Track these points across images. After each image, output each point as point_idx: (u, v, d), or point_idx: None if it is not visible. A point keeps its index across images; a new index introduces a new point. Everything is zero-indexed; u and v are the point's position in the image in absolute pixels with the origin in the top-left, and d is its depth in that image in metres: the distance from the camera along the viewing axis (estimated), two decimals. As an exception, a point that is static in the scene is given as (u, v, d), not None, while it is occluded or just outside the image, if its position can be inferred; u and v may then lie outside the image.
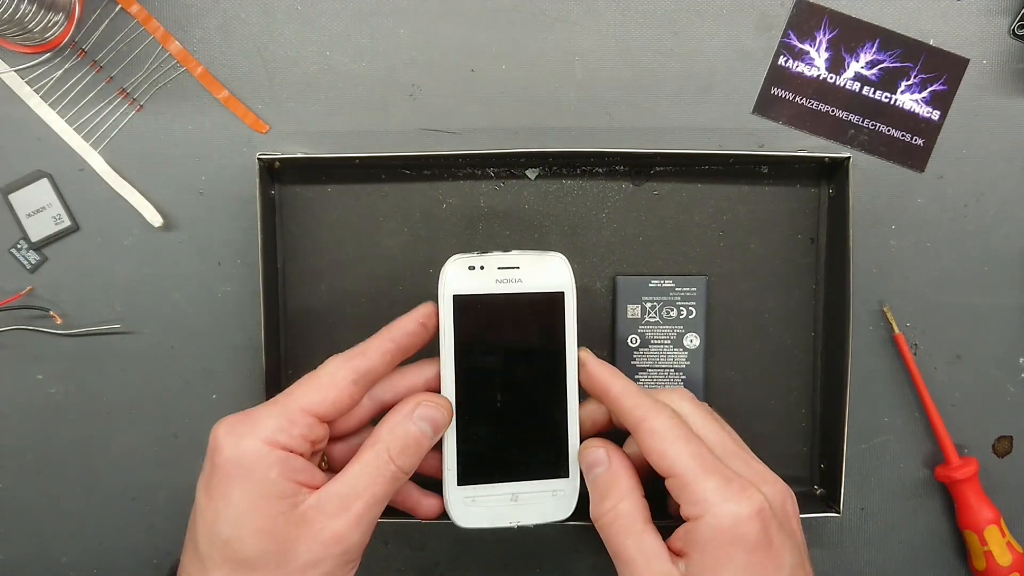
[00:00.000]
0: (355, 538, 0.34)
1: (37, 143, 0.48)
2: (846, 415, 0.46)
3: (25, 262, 0.49)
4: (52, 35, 0.47)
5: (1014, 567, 0.47)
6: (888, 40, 0.48)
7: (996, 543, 0.47)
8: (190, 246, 0.49)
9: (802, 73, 0.48)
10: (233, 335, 0.49)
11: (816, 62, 0.48)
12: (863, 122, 0.48)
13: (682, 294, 0.48)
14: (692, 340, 0.48)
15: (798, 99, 0.48)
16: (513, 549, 0.51)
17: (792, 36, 0.48)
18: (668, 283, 0.48)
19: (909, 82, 0.48)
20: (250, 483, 0.34)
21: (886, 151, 0.49)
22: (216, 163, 0.49)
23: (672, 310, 0.48)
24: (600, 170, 0.48)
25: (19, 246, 0.49)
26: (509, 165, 0.48)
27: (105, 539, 0.51)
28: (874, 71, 0.48)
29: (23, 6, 0.44)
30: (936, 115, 0.48)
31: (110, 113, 0.48)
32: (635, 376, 0.48)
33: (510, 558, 0.51)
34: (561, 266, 0.40)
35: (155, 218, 0.48)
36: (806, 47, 0.48)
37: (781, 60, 0.48)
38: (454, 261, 0.39)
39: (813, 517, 0.47)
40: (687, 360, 0.48)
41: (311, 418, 0.35)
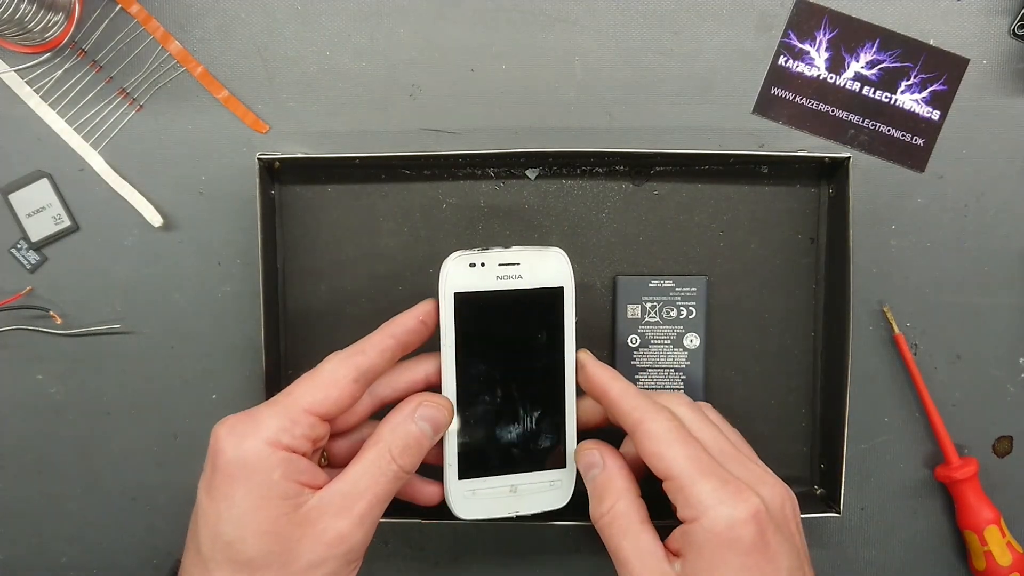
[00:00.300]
0: (358, 538, 0.34)
1: (37, 143, 0.48)
2: (846, 415, 0.46)
3: (25, 262, 0.49)
4: (52, 35, 0.47)
5: (1014, 567, 0.47)
6: (888, 40, 0.48)
7: (996, 543, 0.47)
8: (190, 246, 0.49)
9: (802, 73, 0.48)
10: (233, 335, 0.49)
11: (816, 62, 0.48)
12: (863, 122, 0.48)
13: (682, 294, 0.48)
14: (692, 340, 0.48)
15: (798, 99, 0.48)
16: (513, 549, 0.51)
17: (792, 36, 0.48)
18: (668, 283, 0.48)
19: (909, 82, 0.48)
20: (252, 484, 0.33)
21: (886, 151, 0.49)
22: (216, 163, 0.49)
23: (672, 310, 0.48)
24: (600, 170, 0.48)
25: (19, 246, 0.49)
26: (509, 165, 0.48)
27: (105, 539, 0.51)
28: (874, 71, 0.48)
29: (23, 6, 0.44)
30: (936, 115, 0.48)
31: (110, 113, 0.48)
32: (635, 376, 0.48)
33: (510, 558, 0.51)
34: (561, 261, 0.40)
35: (155, 218, 0.48)
36: (806, 47, 0.48)
37: (781, 60, 0.48)
38: (455, 258, 0.39)
39: (813, 517, 0.47)
40: (687, 360, 0.48)
41: (312, 417, 0.35)
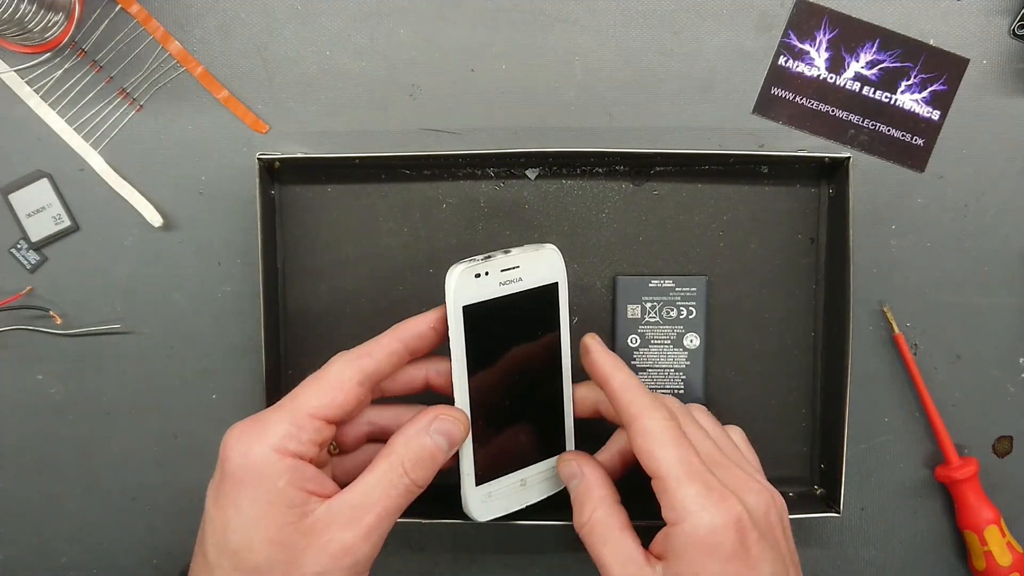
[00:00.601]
0: (364, 551, 0.34)
1: (37, 143, 0.48)
2: (846, 415, 0.46)
3: (25, 262, 0.49)
4: (52, 35, 0.47)
5: (1014, 567, 0.47)
6: (888, 40, 0.48)
7: (996, 543, 0.47)
8: (190, 246, 0.49)
9: (802, 73, 0.48)
10: (233, 335, 0.49)
11: (816, 62, 0.48)
12: (863, 122, 0.48)
13: (682, 294, 0.48)
14: (692, 340, 0.48)
15: (798, 99, 0.48)
16: (513, 549, 0.51)
17: (792, 36, 0.48)
18: (668, 283, 0.48)
19: (909, 82, 0.48)
20: (259, 492, 0.33)
21: (886, 151, 0.49)
22: (216, 163, 0.49)
23: (672, 310, 0.48)
24: (600, 170, 0.48)
25: (19, 246, 0.49)
26: (509, 165, 0.48)
27: (105, 539, 0.51)
28: (874, 71, 0.48)
29: (23, 6, 0.44)
30: (936, 115, 0.48)
31: (110, 113, 0.48)
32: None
33: (510, 558, 0.51)
34: (554, 257, 0.40)
35: (155, 218, 0.48)
36: (806, 47, 0.48)
37: (781, 60, 0.48)
38: (460, 271, 0.38)
39: (813, 517, 0.47)
40: (687, 360, 0.48)
41: (319, 422, 0.35)
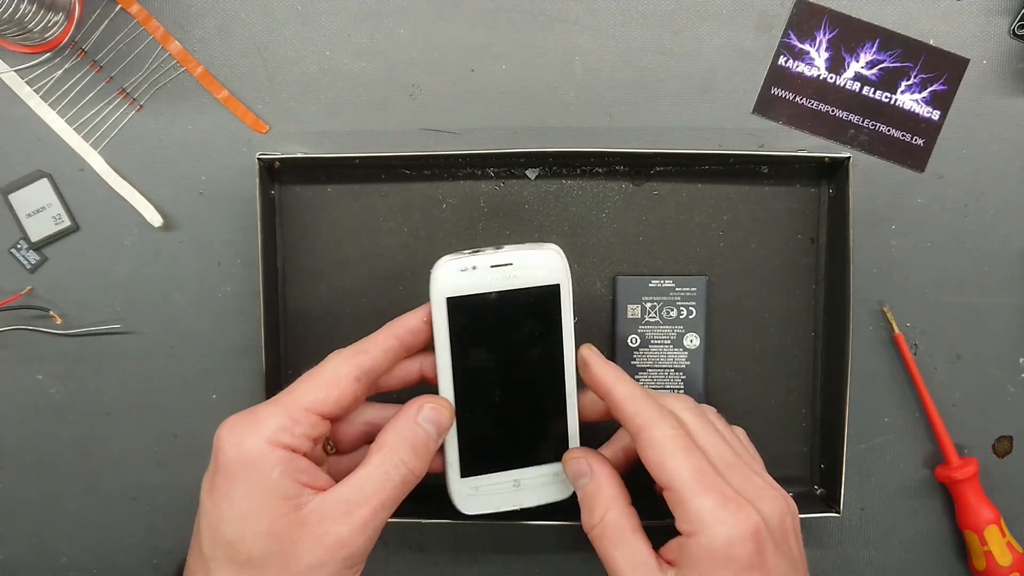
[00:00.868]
0: (359, 543, 0.34)
1: (37, 143, 0.48)
2: (846, 415, 0.46)
3: (25, 262, 0.49)
4: (52, 35, 0.47)
5: (1014, 567, 0.47)
6: (888, 40, 0.48)
7: (996, 543, 0.47)
8: (190, 246, 0.49)
9: (802, 73, 0.48)
10: (233, 335, 0.49)
11: (816, 62, 0.48)
12: (863, 122, 0.48)
13: (682, 294, 0.48)
14: (692, 340, 0.48)
15: (798, 99, 0.48)
16: (513, 549, 0.51)
17: (792, 36, 0.48)
18: (668, 283, 0.48)
19: (909, 82, 0.48)
20: (252, 483, 0.33)
21: (886, 151, 0.49)
22: (216, 163, 0.49)
23: (672, 310, 0.48)
24: (600, 170, 0.48)
25: (19, 246, 0.49)
26: (509, 165, 0.48)
27: (105, 539, 0.51)
28: (874, 71, 0.48)
29: (23, 6, 0.44)
30: (936, 115, 0.48)
31: (110, 113, 0.48)
32: (635, 376, 0.48)
33: (510, 559, 0.51)
34: (555, 258, 0.39)
35: (155, 218, 0.48)
36: (806, 47, 0.48)
37: (781, 60, 0.48)
38: (445, 263, 0.38)
39: (813, 517, 0.47)
40: (687, 360, 0.48)
41: (314, 416, 0.35)
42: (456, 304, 0.39)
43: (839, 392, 0.46)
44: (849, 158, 0.45)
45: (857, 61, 0.48)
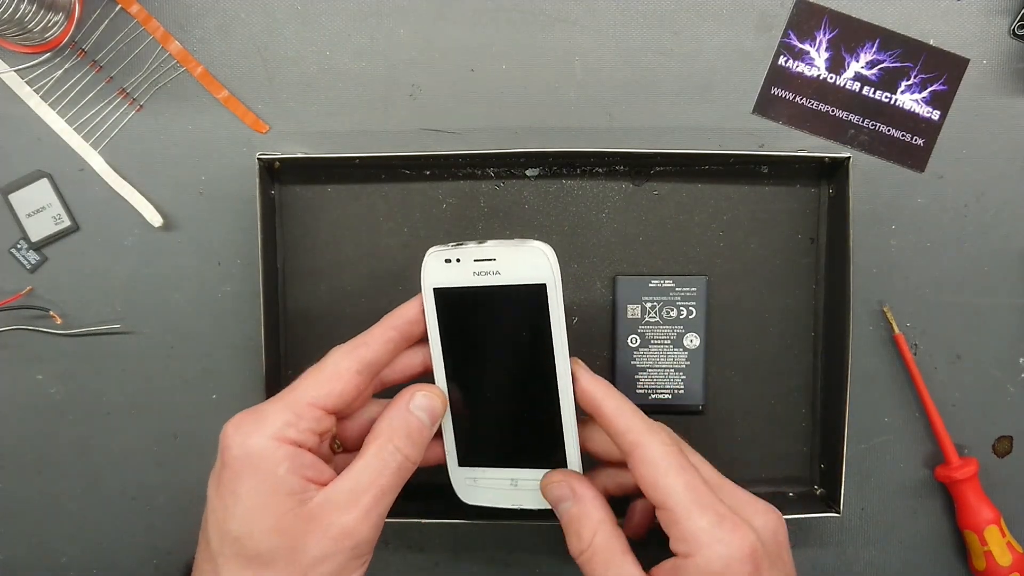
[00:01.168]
0: (364, 532, 0.34)
1: (37, 143, 0.48)
2: (846, 415, 0.46)
3: (25, 262, 0.49)
4: (52, 35, 0.47)
5: (1014, 567, 0.47)
6: (888, 40, 0.48)
7: (996, 543, 0.47)
8: (190, 246, 0.49)
9: (802, 73, 0.48)
10: (233, 335, 0.49)
11: (816, 62, 0.48)
12: (863, 122, 0.48)
13: (682, 294, 0.48)
14: (692, 340, 0.48)
15: (798, 99, 0.48)
16: (513, 549, 0.51)
17: (792, 36, 0.48)
18: (668, 283, 0.48)
19: (909, 82, 0.48)
20: (258, 479, 0.34)
21: (886, 151, 0.49)
22: (216, 163, 0.49)
23: (672, 310, 0.48)
24: (600, 170, 0.48)
25: (19, 246, 0.49)
26: (509, 165, 0.48)
27: (105, 539, 0.51)
28: (874, 71, 0.48)
29: (23, 6, 0.44)
30: (936, 115, 0.48)
31: (110, 113, 0.48)
32: (635, 376, 0.48)
33: (509, 559, 0.51)
34: (540, 257, 0.37)
35: (155, 218, 0.48)
36: (806, 47, 0.48)
37: (781, 60, 0.48)
38: (432, 254, 0.39)
39: (813, 517, 0.47)
40: (687, 360, 0.48)
41: (318, 411, 0.36)
42: (442, 295, 0.39)
43: (839, 392, 0.46)
44: (849, 158, 0.45)
45: (857, 61, 0.48)
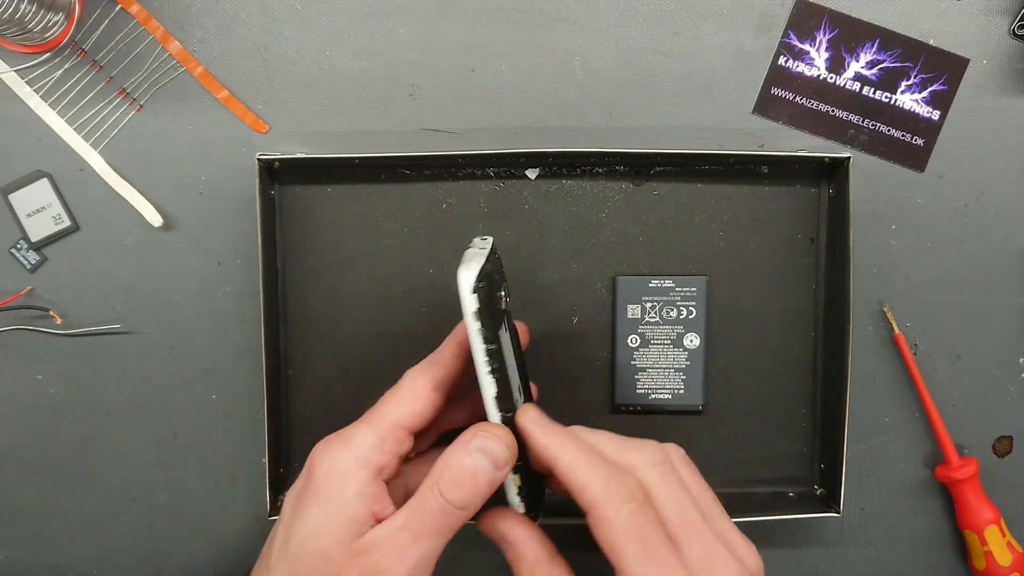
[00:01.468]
0: (398, 573, 0.33)
1: (37, 143, 0.48)
2: (846, 415, 0.46)
3: (25, 262, 0.49)
4: (52, 35, 0.47)
5: (1014, 567, 0.47)
6: (888, 40, 0.48)
7: (996, 543, 0.47)
8: (190, 246, 0.49)
9: (802, 73, 0.48)
10: (233, 335, 0.49)
11: (816, 62, 0.48)
12: (863, 122, 0.48)
13: (682, 294, 0.48)
14: (692, 340, 0.48)
15: (798, 99, 0.48)
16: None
17: (792, 36, 0.48)
18: (668, 283, 0.48)
19: (909, 82, 0.48)
20: (330, 503, 0.34)
21: (886, 151, 0.49)
22: (216, 163, 0.49)
23: (672, 310, 0.48)
24: (600, 170, 0.48)
25: (19, 246, 0.49)
26: (509, 165, 0.48)
27: (105, 539, 0.51)
28: (874, 71, 0.48)
29: (23, 6, 0.44)
30: (936, 115, 0.48)
31: (110, 113, 0.48)
32: (635, 376, 0.48)
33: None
34: (459, 280, 0.33)
35: (155, 218, 0.48)
36: (806, 47, 0.48)
37: (781, 60, 0.48)
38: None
39: (813, 517, 0.47)
40: (687, 360, 0.48)
41: (401, 431, 0.36)
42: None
43: (839, 392, 0.46)
44: (849, 158, 0.45)
45: (857, 61, 0.48)
